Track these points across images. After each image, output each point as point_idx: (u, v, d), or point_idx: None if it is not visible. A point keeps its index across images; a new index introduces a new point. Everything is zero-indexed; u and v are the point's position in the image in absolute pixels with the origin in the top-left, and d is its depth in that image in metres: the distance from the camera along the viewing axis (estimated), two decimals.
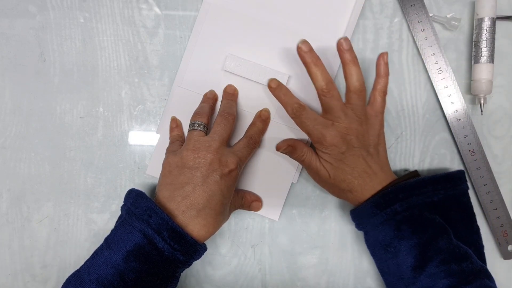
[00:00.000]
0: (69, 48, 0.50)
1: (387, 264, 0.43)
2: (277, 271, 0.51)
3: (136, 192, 0.43)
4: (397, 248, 0.42)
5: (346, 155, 0.43)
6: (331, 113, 0.44)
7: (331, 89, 0.44)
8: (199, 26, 0.49)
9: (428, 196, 0.42)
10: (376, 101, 0.45)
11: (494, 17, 0.47)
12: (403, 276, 0.41)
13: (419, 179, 0.43)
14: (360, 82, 0.44)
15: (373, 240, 0.44)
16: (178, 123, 0.50)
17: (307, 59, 0.44)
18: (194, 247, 0.41)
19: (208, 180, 0.42)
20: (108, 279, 0.39)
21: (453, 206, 0.44)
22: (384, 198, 0.42)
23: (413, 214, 0.42)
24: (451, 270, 0.39)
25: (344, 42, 0.43)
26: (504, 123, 0.51)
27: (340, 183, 0.44)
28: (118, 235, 0.41)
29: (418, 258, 0.40)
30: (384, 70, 0.45)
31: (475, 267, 0.40)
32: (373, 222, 0.43)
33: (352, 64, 0.43)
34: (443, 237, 0.41)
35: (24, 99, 0.50)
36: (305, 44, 0.43)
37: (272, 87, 0.47)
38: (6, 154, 0.50)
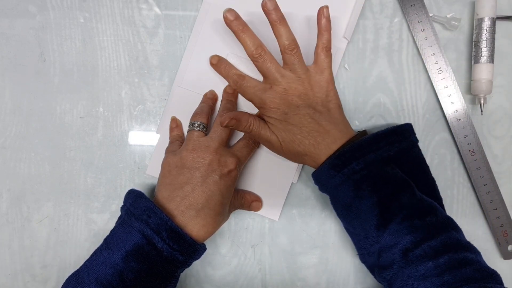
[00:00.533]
0: (69, 48, 0.50)
1: (352, 225, 0.42)
2: (277, 271, 0.51)
3: (136, 193, 0.43)
4: (358, 208, 0.41)
5: (290, 115, 0.42)
6: (268, 77, 0.43)
7: (261, 53, 0.43)
8: (199, 26, 0.49)
9: (384, 151, 0.41)
10: (319, 58, 0.44)
11: (494, 17, 0.47)
12: (368, 235, 0.41)
13: (373, 135, 0.42)
14: (289, 41, 0.43)
15: (335, 201, 0.43)
16: (178, 123, 0.50)
17: (234, 27, 0.43)
18: (193, 247, 0.41)
19: (207, 180, 0.42)
20: (107, 279, 0.39)
21: (407, 159, 0.43)
22: (340, 159, 0.41)
23: (372, 172, 0.40)
24: (414, 225, 0.39)
25: (268, 2, 0.42)
26: (504, 123, 0.51)
27: (291, 145, 0.43)
28: (117, 236, 0.41)
29: (380, 217, 0.40)
30: (325, 24, 0.44)
31: (440, 220, 0.39)
32: (333, 184, 0.42)
33: (279, 23, 0.42)
34: (405, 192, 0.40)
35: (24, 99, 0.50)
36: (230, 12, 0.43)
37: (213, 63, 0.48)
38: (6, 154, 0.50)
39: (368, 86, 0.50)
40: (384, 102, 0.50)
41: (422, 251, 0.38)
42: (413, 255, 0.38)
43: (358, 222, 0.41)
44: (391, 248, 0.39)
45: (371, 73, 0.50)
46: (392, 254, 0.39)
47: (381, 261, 0.40)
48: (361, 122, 0.50)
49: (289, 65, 0.43)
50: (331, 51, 0.44)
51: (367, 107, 0.50)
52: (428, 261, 0.37)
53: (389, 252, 0.39)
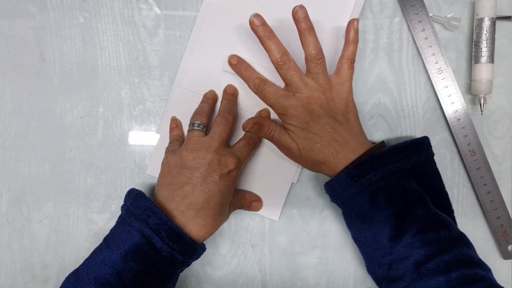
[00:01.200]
0: (69, 48, 0.50)
1: (364, 235, 0.42)
2: (277, 271, 0.51)
3: (136, 192, 0.43)
4: (373, 218, 0.41)
5: (311, 124, 0.43)
6: (291, 84, 0.44)
7: (286, 61, 0.43)
8: (199, 26, 0.50)
9: (402, 163, 0.41)
10: (342, 69, 0.45)
11: (494, 17, 0.47)
12: (380, 246, 0.41)
13: (392, 147, 0.42)
14: (317, 50, 0.43)
15: (349, 211, 0.43)
16: (178, 123, 0.50)
17: (260, 33, 0.43)
18: (192, 247, 0.41)
19: (207, 180, 0.42)
20: (106, 279, 0.39)
21: (424, 172, 0.43)
22: (358, 168, 0.41)
23: (389, 183, 0.41)
24: (428, 239, 0.39)
25: (299, 10, 0.42)
26: (504, 123, 0.51)
27: (310, 153, 0.43)
28: (117, 235, 0.41)
29: (394, 228, 0.40)
30: (353, 37, 0.44)
31: (453, 235, 0.40)
32: (349, 193, 0.42)
33: (308, 33, 0.43)
34: (420, 205, 0.40)
35: (24, 99, 0.50)
36: (257, 18, 0.42)
37: (233, 64, 0.47)
38: (6, 154, 0.50)
39: (368, 86, 0.50)
40: (384, 102, 0.50)
41: (434, 265, 0.38)
42: (425, 268, 0.38)
43: (371, 233, 0.41)
44: (404, 260, 0.39)
45: (371, 73, 0.50)
46: (404, 267, 0.39)
47: (391, 273, 0.40)
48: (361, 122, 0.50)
49: (313, 74, 0.44)
50: (354, 63, 0.45)
51: (367, 107, 0.50)
52: (440, 275, 0.37)
53: (401, 264, 0.39)
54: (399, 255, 0.39)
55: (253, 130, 0.44)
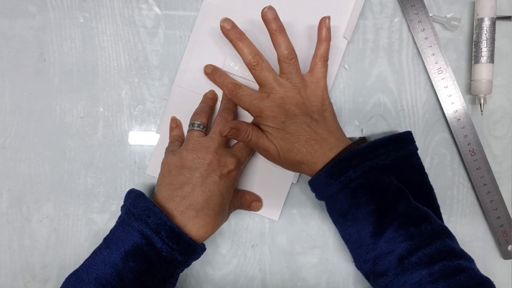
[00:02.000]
0: (69, 48, 0.50)
1: (348, 232, 0.42)
2: (277, 271, 0.51)
3: (136, 192, 0.43)
4: (355, 215, 0.41)
5: (287, 124, 0.42)
6: (265, 85, 0.44)
7: (259, 61, 0.43)
8: (199, 26, 0.50)
9: (381, 159, 0.41)
10: (316, 67, 0.45)
11: (494, 17, 0.47)
12: (363, 242, 0.41)
13: (370, 143, 0.42)
14: (289, 50, 0.43)
15: (331, 209, 0.43)
16: (178, 123, 0.50)
17: (231, 36, 0.43)
18: (192, 247, 0.41)
19: (207, 180, 0.42)
20: (106, 279, 0.39)
21: (404, 168, 0.43)
22: (337, 167, 0.41)
23: (369, 180, 0.41)
24: (409, 233, 0.39)
25: (268, 12, 0.42)
26: (504, 123, 0.51)
27: (288, 153, 0.43)
28: (117, 235, 0.41)
29: (376, 224, 0.40)
30: (326, 35, 0.44)
31: (435, 228, 0.40)
32: (330, 192, 0.42)
33: (279, 33, 0.43)
34: (400, 200, 0.41)
35: (24, 99, 0.50)
36: (227, 22, 0.43)
37: (208, 73, 0.48)
38: (6, 154, 0.50)
39: (368, 86, 0.50)
40: (384, 102, 0.50)
41: (417, 259, 0.38)
42: (408, 262, 0.38)
43: (354, 230, 0.41)
44: (387, 255, 0.39)
45: (371, 73, 0.50)
46: (387, 262, 0.39)
47: (376, 268, 0.40)
48: (361, 122, 0.50)
49: (286, 74, 0.44)
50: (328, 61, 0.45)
51: (367, 107, 0.50)
52: (423, 268, 0.37)
53: (384, 259, 0.39)
54: (382, 251, 0.39)
55: (230, 134, 0.43)
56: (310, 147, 0.42)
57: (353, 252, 0.43)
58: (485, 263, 0.51)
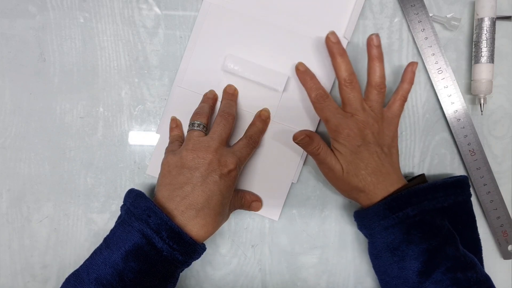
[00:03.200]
0: (69, 48, 0.50)
1: (391, 267, 0.43)
2: (277, 271, 0.51)
3: (136, 192, 0.43)
4: (405, 252, 0.41)
5: (361, 149, 0.43)
6: (350, 105, 0.44)
7: (353, 81, 0.44)
8: (199, 26, 0.49)
9: (439, 202, 0.42)
10: (395, 104, 0.46)
11: (494, 17, 0.47)
12: (408, 280, 0.41)
13: (431, 184, 0.43)
14: (382, 79, 0.44)
15: (379, 242, 0.44)
16: (178, 123, 0.50)
17: (334, 49, 0.44)
18: (193, 247, 0.41)
19: (207, 180, 0.42)
20: (107, 279, 0.39)
21: (459, 212, 0.44)
22: (396, 201, 0.42)
23: (424, 219, 0.41)
24: (456, 279, 0.40)
25: (375, 38, 0.44)
26: (504, 123, 0.51)
27: (353, 178, 0.44)
28: (117, 235, 0.41)
29: (425, 264, 0.40)
30: (410, 77, 0.46)
31: (479, 277, 0.41)
32: (383, 225, 0.43)
33: (378, 60, 0.44)
34: (451, 244, 0.41)
35: (24, 99, 0.50)
36: (333, 35, 0.45)
37: (300, 70, 0.48)
38: (6, 154, 0.50)
39: None
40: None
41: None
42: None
43: (399, 266, 0.42)
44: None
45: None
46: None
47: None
48: None
49: (371, 101, 0.45)
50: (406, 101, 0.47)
51: None
52: None
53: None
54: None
55: (303, 142, 0.44)
56: (375, 178, 0.43)
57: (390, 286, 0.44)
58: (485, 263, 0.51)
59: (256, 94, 0.50)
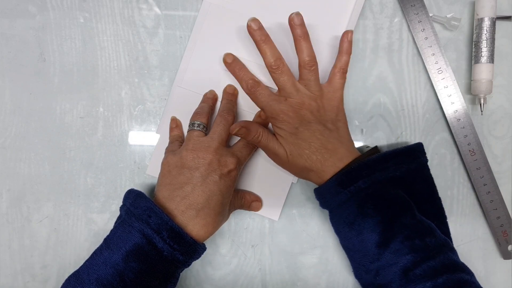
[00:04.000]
0: (69, 48, 0.50)
1: (352, 242, 0.43)
2: (277, 271, 0.51)
3: (136, 192, 0.43)
4: (361, 225, 0.41)
5: (300, 130, 0.43)
6: (283, 89, 0.44)
7: (279, 65, 0.44)
8: (199, 26, 0.50)
9: (390, 171, 0.42)
10: (334, 78, 0.45)
11: (494, 17, 0.47)
12: (368, 252, 0.41)
13: (381, 155, 0.43)
14: (310, 57, 0.44)
15: (337, 218, 0.44)
16: (178, 123, 0.50)
17: (256, 37, 0.44)
18: (193, 247, 0.41)
19: (207, 180, 0.42)
20: (107, 279, 0.39)
21: (414, 180, 0.44)
22: (347, 176, 0.42)
23: (377, 191, 0.41)
24: (415, 246, 0.39)
25: (295, 17, 0.43)
26: (504, 123, 0.51)
27: (298, 159, 0.43)
28: (117, 235, 0.41)
29: (382, 235, 0.40)
30: (347, 47, 0.45)
31: (438, 241, 0.40)
32: (337, 200, 0.42)
33: (302, 39, 0.44)
34: (407, 212, 0.41)
35: (24, 99, 0.50)
36: (255, 22, 0.44)
37: (228, 62, 0.47)
38: (6, 154, 0.50)
39: (368, 86, 0.50)
40: (384, 102, 0.50)
41: (421, 271, 0.38)
42: (413, 274, 0.39)
43: (359, 240, 0.42)
44: (391, 266, 0.40)
45: (371, 73, 0.50)
46: (391, 273, 0.39)
47: (378, 279, 0.41)
48: (361, 122, 0.50)
49: (305, 81, 0.44)
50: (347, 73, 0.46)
51: (367, 107, 0.50)
52: (427, 281, 0.38)
53: (388, 270, 0.40)
54: (387, 262, 0.40)
55: (240, 133, 0.44)
56: (320, 155, 0.43)
57: (354, 262, 0.44)
58: (485, 263, 0.51)
59: None
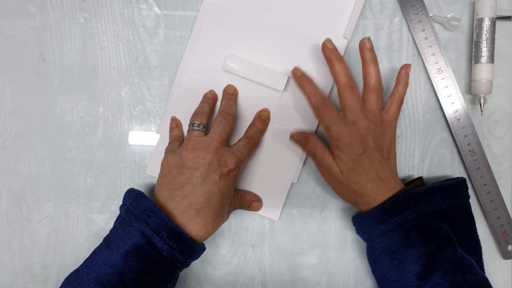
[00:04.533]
0: (69, 48, 0.50)
1: (391, 271, 0.43)
2: (277, 271, 0.51)
3: (136, 192, 0.43)
4: (404, 255, 0.41)
5: (363, 157, 0.43)
6: (351, 111, 0.44)
7: (352, 85, 0.44)
8: (199, 26, 0.50)
9: (436, 205, 0.42)
10: (391, 108, 0.45)
11: (494, 17, 0.47)
12: (408, 283, 0.41)
13: (429, 188, 0.43)
14: (379, 82, 0.44)
15: (378, 246, 0.44)
16: (178, 123, 0.50)
17: (331, 56, 0.44)
18: (193, 247, 0.41)
19: (207, 180, 0.42)
20: (107, 279, 0.39)
21: (458, 214, 0.44)
22: (394, 205, 0.42)
23: (422, 223, 0.42)
24: (455, 281, 0.40)
25: (367, 42, 0.44)
26: (504, 123, 0.51)
27: (353, 184, 0.43)
28: (117, 235, 0.41)
29: (424, 267, 0.40)
30: (405, 80, 0.46)
31: (478, 279, 0.41)
32: (382, 229, 0.43)
33: (372, 63, 0.44)
34: (449, 247, 0.41)
35: (24, 99, 0.50)
36: (330, 42, 0.45)
37: (297, 75, 0.47)
38: (6, 154, 0.50)
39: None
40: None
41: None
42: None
43: (399, 269, 0.42)
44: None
45: None
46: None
47: None
48: None
49: (371, 105, 0.44)
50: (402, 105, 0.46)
51: None
52: None
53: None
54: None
55: (300, 141, 0.46)
56: (375, 184, 0.43)
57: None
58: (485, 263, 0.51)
59: (256, 94, 0.50)
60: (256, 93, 0.50)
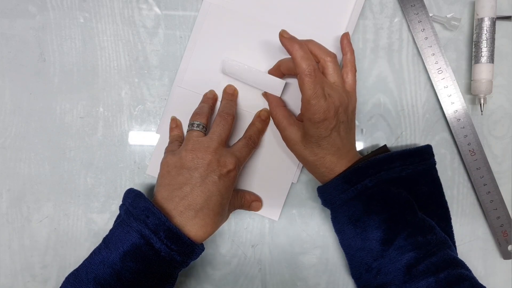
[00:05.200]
0: (69, 48, 0.50)
1: (355, 240, 0.43)
2: (277, 271, 0.51)
3: (135, 192, 0.43)
4: (366, 222, 0.42)
5: (333, 132, 0.42)
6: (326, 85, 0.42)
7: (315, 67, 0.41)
8: (199, 26, 0.49)
9: (396, 172, 0.43)
10: (348, 77, 0.45)
11: (494, 17, 0.47)
12: (372, 250, 0.42)
13: (388, 155, 0.43)
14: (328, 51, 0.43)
15: (341, 216, 0.44)
16: (177, 123, 0.50)
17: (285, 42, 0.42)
18: (191, 248, 0.41)
19: (206, 180, 0.42)
20: (105, 279, 0.39)
21: (421, 181, 0.44)
22: (354, 174, 0.42)
23: (382, 189, 0.42)
24: (417, 242, 0.40)
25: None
26: (504, 123, 0.51)
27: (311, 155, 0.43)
28: (116, 235, 0.41)
29: (386, 232, 0.41)
30: (350, 48, 0.45)
31: (439, 238, 0.41)
32: (343, 198, 0.43)
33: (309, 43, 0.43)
34: (409, 211, 0.42)
35: (24, 99, 0.50)
36: (285, 32, 0.42)
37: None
38: (6, 154, 0.50)
39: (368, 86, 0.50)
40: (384, 102, 0.50)
41: (424, 267, 0.39)
42: (416, 270, 0.40)
43: (362, 237, 0.42)
44: (394, 263, 0.40)
45: (371, 73, 0.50)
46: (394, 270, 0.40)
47: (378, 278, 0.41)
48: (361, 122, 0.50)
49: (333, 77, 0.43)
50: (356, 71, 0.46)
51: (367, 107, 0.50)
52: (430, 276, 0.39)
53: (391, 267, 0.41)
54: (390, 259, 0.41)
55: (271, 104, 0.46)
56: (336, 157, 0.43)
57: (354, 261, 0.44)
58: (485, 263, 0.51)
59: (256, 94, 0.50)
60: (256, 93, 0.50)
